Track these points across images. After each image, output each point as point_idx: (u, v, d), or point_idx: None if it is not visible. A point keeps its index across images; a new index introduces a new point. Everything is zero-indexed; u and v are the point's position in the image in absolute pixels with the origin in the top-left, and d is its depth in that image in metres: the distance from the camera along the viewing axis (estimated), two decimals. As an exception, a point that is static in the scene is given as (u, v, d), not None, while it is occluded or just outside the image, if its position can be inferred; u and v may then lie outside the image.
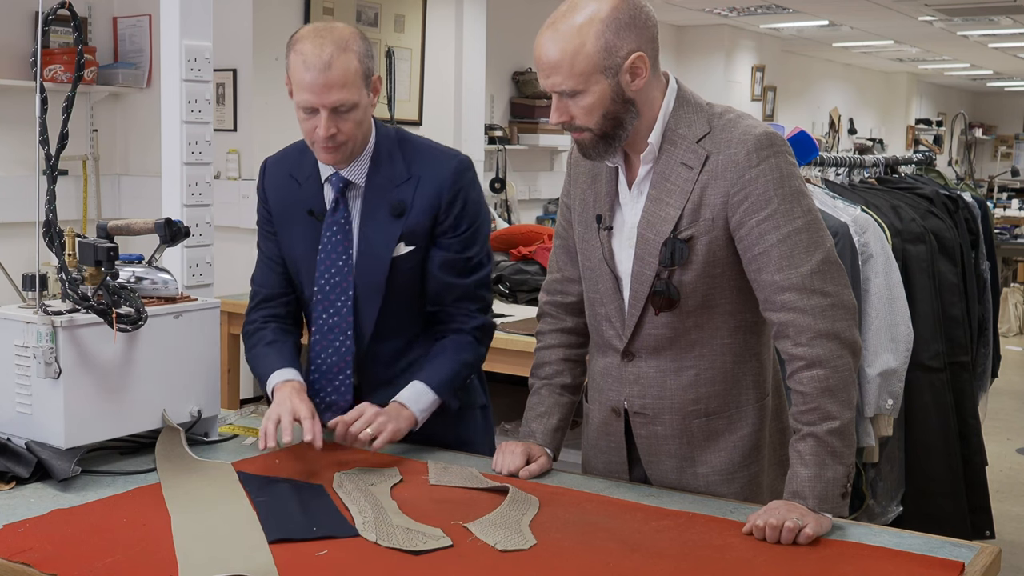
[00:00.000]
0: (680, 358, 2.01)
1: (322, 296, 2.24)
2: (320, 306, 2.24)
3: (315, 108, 2.08)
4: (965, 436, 3.49)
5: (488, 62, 7.31)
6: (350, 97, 2.08)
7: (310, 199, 2.25)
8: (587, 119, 1.91)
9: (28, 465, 1.98)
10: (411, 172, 2.21)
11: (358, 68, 2.08)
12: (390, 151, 2.22)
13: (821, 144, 9.82)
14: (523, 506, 1.88)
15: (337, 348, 2.24)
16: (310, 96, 2.07)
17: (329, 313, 2.24)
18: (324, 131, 2.09)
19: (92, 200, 5.82)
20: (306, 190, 2.25)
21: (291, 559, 1.64)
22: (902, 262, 3.26)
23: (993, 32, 10.70)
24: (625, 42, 1.86)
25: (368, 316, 2.23)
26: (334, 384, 2.26)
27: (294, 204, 2.27)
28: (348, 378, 2.25)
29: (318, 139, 2.11)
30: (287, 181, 2.29)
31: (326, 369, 2.26)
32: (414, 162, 2.22)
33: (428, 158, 2.23)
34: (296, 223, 2.26)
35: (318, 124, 2.09)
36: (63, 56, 5.22)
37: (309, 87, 2.06)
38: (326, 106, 2.07)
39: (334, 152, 2.14)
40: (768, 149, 1.89)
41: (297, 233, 2.26)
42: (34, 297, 2.01)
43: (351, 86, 2.07)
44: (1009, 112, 19.02)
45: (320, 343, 2.26)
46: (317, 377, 2.27)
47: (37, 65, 1.96)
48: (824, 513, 1.80)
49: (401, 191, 2.20)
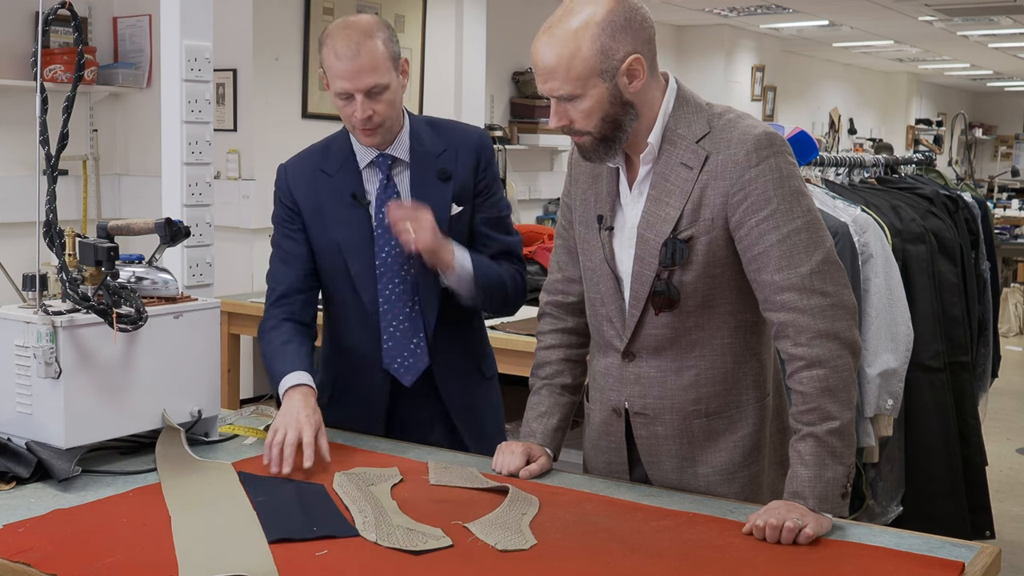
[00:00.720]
0: (681, 358, 2.01)
1: (385, 268, 2.34)
2: (385, 277, 2.34)
3: (350, 94, 2.23)
4: (965, 436, 3.49)
5: (488, 62, 7.31)
6: (381, 79, 2.22)
7: (348, 186, 2.35)
8: (586, 123, 1.91)
9: (28, 465, 1.98)
10: (447, 144, 2.38)
11: (385, 52, 2.23)
12: (423, 129, 2.39)
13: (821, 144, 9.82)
14: (523, 506, 1.88)
15: (408, 314, 2.35)
16: (344, 83, 2.22)
17: (395, 283, 2.34)
18: (361, 113, 2.23)
19: (92, 200, 5.82)
20: (341, 179, 2.36)
21: (291, 559, 1.64)
22: (902, 262, 3.26)
23: (993, 32, 10.70)
24: (621, 45, 1.86)
25: (433, 280, 2.34)
26: (410, 348, 2.36)
27: (328, 194, 2.36)
28: (423, 340, 2.36)
29: (357, 122, 2.26)
30: (315, 176, 2.38)
31: (400, 336, 2.36)
32: (447, 135, 2.40)
33: (457, 131, 2.43)
34: (335, 211, 2.35)
35: (355, 108, 2.23)
36: (63, 56, 5.22)
37: (342, 74, 2.21)
38: (360, 90, 2.22)
39: (373, 134, 2.28)
40: (768, 149, 1.89)
41: (336, 219, 2.35)
42: (34, 297, 2.02)
43: (380, 69, 2.22)
44: (1009, 112, 19.02)
45: (390, 312, 2.35)
46: (392, 345, 2.36)
47: (37, 65, 1.96)
48: (824, 513, 1.80)
49: (443, 160, 2.37)
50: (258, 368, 5.13)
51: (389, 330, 2.36)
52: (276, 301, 2.38)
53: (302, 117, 6.00)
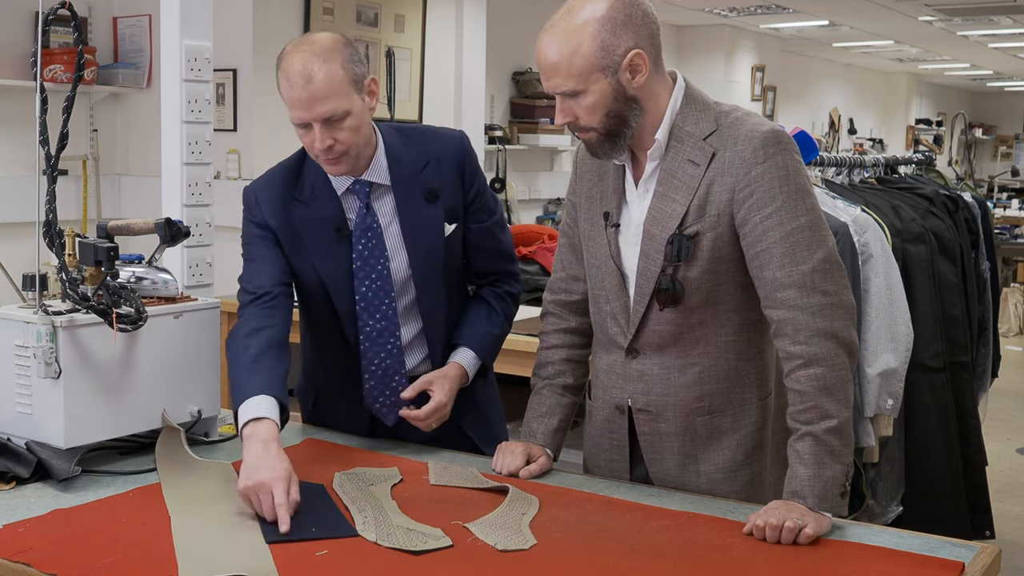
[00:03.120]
0: (684, 355, 2.01)
1: (365, 303, 2.22)
2: (365, 313, 2.23)
3: (307, 123, 2.06)
4: (965, 436, 3.49)
5: (488, 62, 7.31)
6: (339, 106, 2.05)
7: (328, 216, 2.20)
8: (590, 118, 1.92)
9: (28, 465, 1.98)
10: (427, 155, 2.24)
11: (343, 75, 2.04)
12: (398, 144, 2.23)
13: (821, 144, 9.82)
14: (523, 506, 1.88)
15: (389, 351, 2.25)
16: (299, 112, 2.05)
17: (376, 319, 2.23)
18: (320, 143, 2.06)
19: (92, 200, 5.82)
20: (319, 208, 2.20)
21: (291, 559, 1.64)
22: (902, 262, 3.26)
23: (993, 32, 10.70)
24: (622, 40, 1.88)
25: (437, 302, 2.27)
26: (391, 387, 2.27)
27: (305, 224, 2.20)
28: (403, 378, 2.26)
29: (318, 152, 2.10)
30: (288, 203, 2.21)
31: (381, 374, 2.26)
32: (423, 145, 2.25)
33: (435, 138, 2.28)
34: (314, 243, 2.21)
35: (314, 138, 2.07)
36: (63, 56, 5.22)
37: (296, 102, 2.04)
38: (316, 119, 2.05)
39: (337, 163, 2.12)
40: (775, 147, 1.90)
41: (318, 252, 2.21)
42: (34, 297, 2.02)
43: (337, 95, 2.04)
44: (1009, 112, 19.01)
45: (371, 349, 2.25)
46: (374, 384, 2.27)
47: (37, 65, 1.96)
48: (824, 512, 1.81)
49: (426, 175, 2.23)
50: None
51: (371, 369, 2.25)
52: (251, 303, 2.17)
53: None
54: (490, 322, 2.34)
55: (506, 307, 2.38)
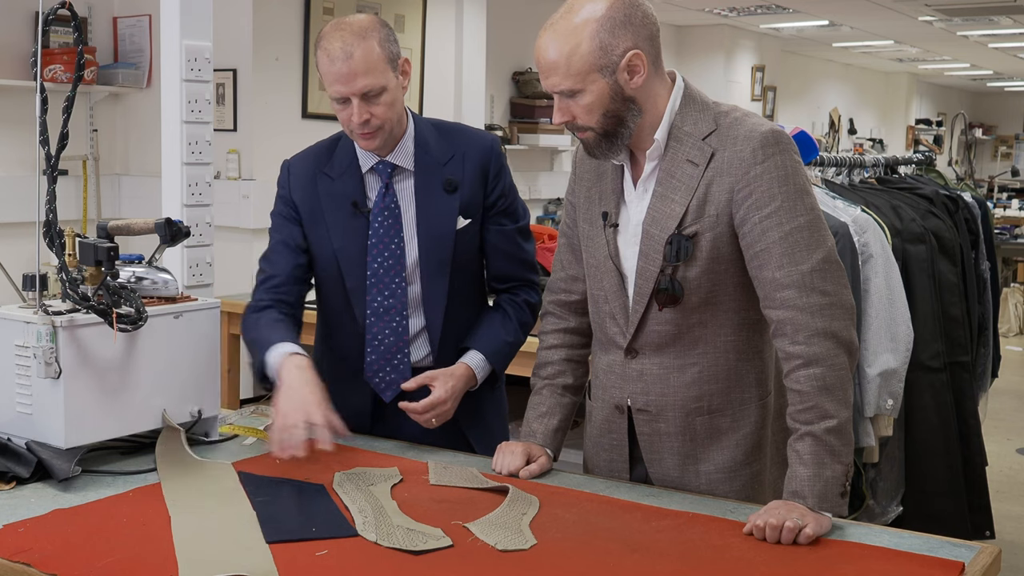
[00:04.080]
0: (684, 355, 2.01)
1: (376, 279, 2.28)
2: (375, 288, 2.28)
3: (346, 97, 2.15)
4: (965, 436, 3.49)
5: (488, 62, 7.31)
6: (377, 81, 2.15)
7: (350, 191, 2.29)
8: (588, 118, 1.92)
9: (28, 465, 1.98)
10: (454, 150, 2.31)
11: (380, 53, 2.15)
12: (429, 134, 2.31)
13: (821, 144, 9.82)
14: (523, 506, 1.88)
15: (394, 328, 2.29)
16: (339, 86, 2.15)
17: (384, 295, 2.28)
18: (358, 117, 2.16)
19: (92, 200, 5.82)
20: (343, 183, 2.29)
21: (291, 559, 1.64)
22: (902, 262, 3.26)
23: (993, 32, 10.70)
24: (621, 40, 1.88)
25: (439, 292, 2.29)
26: (392, 363, 2.31)
27: (329, 198, 2.30)
28: (406, 356, 2.30)
29: (354, 126, 2.18)
30: (316, 178, 2.32)
31: (384, 350, 2.31)
32: (454, 141, 2.32)
33: (466, 136, 2.35)
34: (332, 217, 2.29)
35: (352, 112, 2.16)
36: (63, 56, 5.22)
37: (336, 78, 2.14)
38: (355, 93, 2.14)
39: (372, 138, 2.20)
40: (774, 147, 1.90)
41: (335, 226, 2.29)
42: (34, 297, 2.01)
43: (375, 71, 2.14)
44: (1009, 112, 19.01)
45: (376, 324, 2.30)
46: (375, 358, 2.31)
47: (37, 65, 1.96)
48: (824, 512, 1.80)
49: (449, 168, 2.29)
50: (258, 368, 5.14)
51: (374, 343, 2.30)
52: (268, 285, 2.31)
53: (302, 117, 6.00)
54: (504, 328, 2.35)
55: (522, 315, 2.39)
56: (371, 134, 2.19)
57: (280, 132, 5.71)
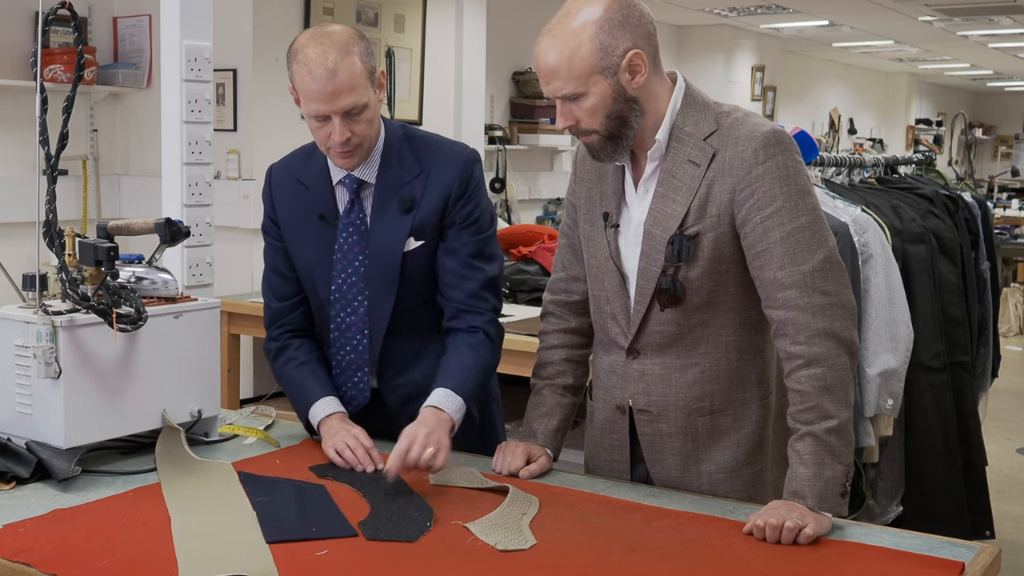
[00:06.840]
0: (685, 355, 2.01)
1: (339, 295, 2.23)
2: (338, 305, 2.24)
3: (326, 116, 2.06)
4: (965, 436, 3.49)
5: (488, 62, 7.31)
6: (359, 99, 2.06)
7: (320, 203, 2.22)
8: (592, 121, 1.92)
9: (28, 465, 1.98)
10: (421, 167, 2.19)
11: (362, 68, 2.06)
12: (399, 148, 2.21)
13: (821, 144, 9.82)
14: (523, 506, 1.88)
15: (355, 346, 2.25)
16: (320, 105, 2.05)
17: (347, 312, 2.24)
18: (339, 136, 2.07)
19: (92, 200, 5.82)
20: (315, 194, 2.23)
21: (291, 559, 1.64)
22: (902, 262, 3.26)
23: (993, 32, 10.69)
24: (620, 41, 1.88)
25: (382, 313, 2.22)
26: (352, 381, 2.28)
27: (303, 209, 2.24)
28: (366, 375, 2.27)
29: (334, 145, 2.10)
30: (294, 186, 2.26)
31: (345, 366, 2.28)
32: (424, 157, 2.21)
33: (437, 153, 2.22)
34: (307, 228, 2.24)
35: (332, 131, 2.07)
36: (63, 56, 5.22)
37: (317, 96, 2.04)
38: (337, 112, 2.05)
39: (351, 156, 2.13)
40: (775, 147, 1.90)
41: (308, 237, 2.24)
42: (34, 297, 2.01)
43: (359, 88, 2.06)
44: (1009, 112, 19.01)
45: (339, 341, 2.26)
46: (337, 373, 2.28)
47: (37, 65, 1.96)
48: (824, 512, 1.81)
49: (411, 187, 2.18)
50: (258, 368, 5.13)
51: (337, 358, 2.27)
52: (276, 321, 2.31)
53: (302, 117, 5.98)
54: (458, 353, 2.18)
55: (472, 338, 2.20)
56: (350, 152, 2.11)
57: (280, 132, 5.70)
